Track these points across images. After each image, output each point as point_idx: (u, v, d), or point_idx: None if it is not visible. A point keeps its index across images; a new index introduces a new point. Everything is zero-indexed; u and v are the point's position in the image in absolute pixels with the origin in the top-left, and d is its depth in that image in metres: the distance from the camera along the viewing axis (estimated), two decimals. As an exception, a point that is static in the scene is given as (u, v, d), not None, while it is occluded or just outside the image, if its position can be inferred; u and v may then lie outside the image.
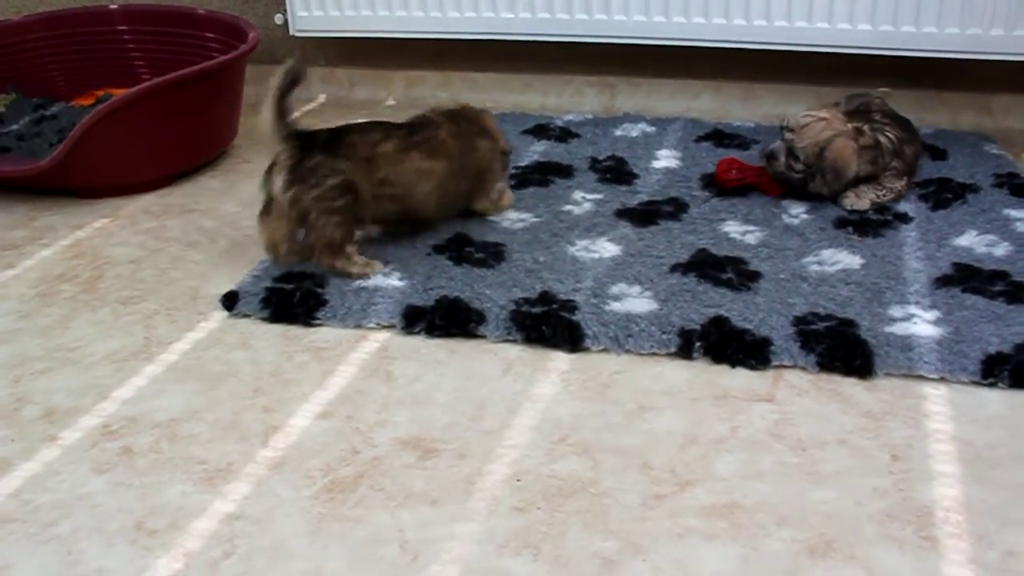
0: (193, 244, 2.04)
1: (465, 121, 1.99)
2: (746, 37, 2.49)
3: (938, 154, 2.32)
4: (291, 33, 2.82)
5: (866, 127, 2.04)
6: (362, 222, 1.84)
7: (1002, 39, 2.35)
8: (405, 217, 1.91)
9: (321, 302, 1.72)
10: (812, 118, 2.02)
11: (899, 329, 1.58)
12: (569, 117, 2.57)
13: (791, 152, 2.02)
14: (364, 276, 1.79)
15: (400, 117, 2.05)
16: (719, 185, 2.11)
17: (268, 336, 1.69)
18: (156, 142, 2.29)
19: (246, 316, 1.74)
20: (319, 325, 1.70)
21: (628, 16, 2.54)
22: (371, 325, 1.68)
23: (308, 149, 1.82)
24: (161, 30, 2.78)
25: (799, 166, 2.02)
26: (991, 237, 1.90)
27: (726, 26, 2.49)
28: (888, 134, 2.06)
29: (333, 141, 1.84)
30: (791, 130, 2.03)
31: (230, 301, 1.75)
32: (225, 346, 1.65)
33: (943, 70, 2.57)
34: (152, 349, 1.66)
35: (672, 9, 2.50)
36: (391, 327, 1.67)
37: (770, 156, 2.06)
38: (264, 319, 1.72)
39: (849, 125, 2.03)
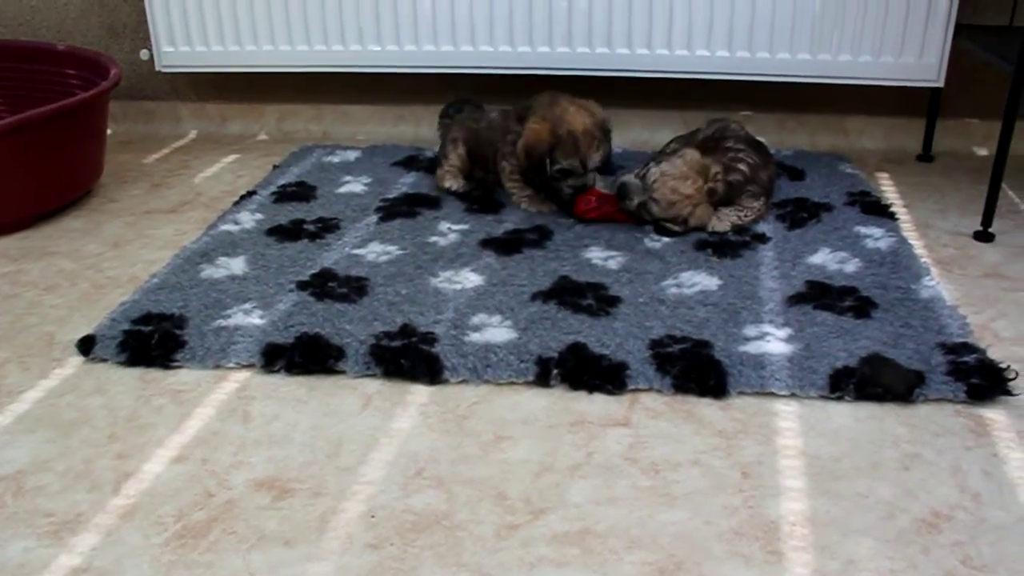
0: (51, 288, 1.98)
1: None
2: (609, 65, 2.55)
3: (796, 175, 2.40)
4: (157, 69, 2.77)
5: (719, 174, 2.09)
6: None
7: (850, 64, 2.46)
8: None
9: (180, 343, 1.68)
10: (672, 190, 2.05)
11: (752, 348, 1.62)
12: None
13: (647, 207, 2.07)
14: None
15: (272, 151, 2.04)
16: (578, 217, 2.14)
17: (125, 380, 1.64)
18: (14, 183, 2.22)
19: (103, 361, 1.69)
20: (178, 367, 1.67)
21: (494, 47, 2.57)
22: (230, 365, 1.65)
23: None
24: (18, 66, 2.71)
25: (648, 218, 2.09)
26: (843, 254, 1.97)
27: (589, 55, 2.54)
28: (741, 166, 2.12)
29: None
30: (648, 187, 2.06)
31: (86, 346, 1.71)
32: (80, 392, 1.61)
33: (801, 93, 2.67)
34: (1, 399, 1.60)
35: (536, 39, 2.55)
36: (251, 366, 1.65)
37: (623, 194, 2.10)
38: (121, 363, 1.68)
39: (702, 182, 2.07)
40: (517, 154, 2.16)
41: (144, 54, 2.91)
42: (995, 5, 2.54)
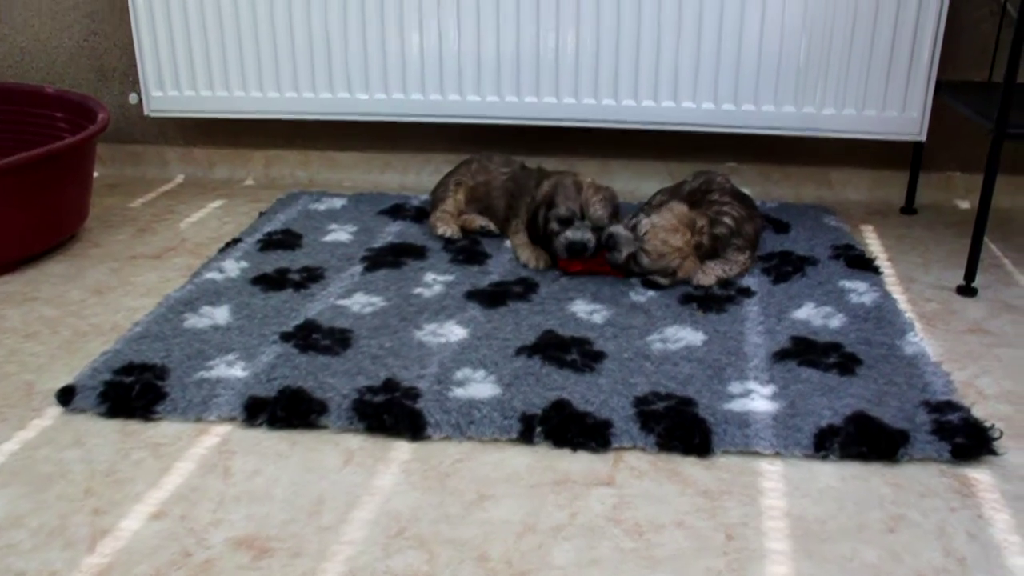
0: (32, 335, 1.97)
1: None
2: (596, 116, 2.56)
3: (781, 227, 2.41)
4: (145, 113, 2.78)
5: (705, 227, 2.10)
6: None
7: (834, 117, 2.49)
8: None
9: (161, 395, 1.67)
10: (663, 242, 2.06)
11: (737, 405, 1.62)
12: (426, 197, 2.58)
13: (637, 259, 2.07)
14: None
15: (259, 196, 2.04)
16: (563, 270, 2.14)
17: (104, 432, 1.62)
18: (-2, 227, 2.22)
19: (83, 412, 1.67)
20: (158, 419, 1.65)
21: (482, 97, 2.59)
22: (212, 418, 1.63)
23: None
24: (6, 108, 2.71)
25: (637, 269, 2.09)
26: (827, 309, 1.97)
27: (575, 105, 2.56)
28: (726, 219, 2.13)
29: None
30: (639, 239, 2.07)
31: (66, 396, 1.69)
32: (57, 445, 1.59)
33: (786, 145, 2.69)
34: (-23, 452, 1.58)
35: (523, 90, 2.56)
36: (232, 419, 1.64)
37: (611, 245, 2.10)
38: (101, 414, 1.66)
39: (690, 235, 2.08)
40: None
41: (133, 98, 2.91)
42: (974, 62, 2.57)
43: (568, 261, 2.12)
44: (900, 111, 2.46)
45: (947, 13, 2.37)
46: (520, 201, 2.27)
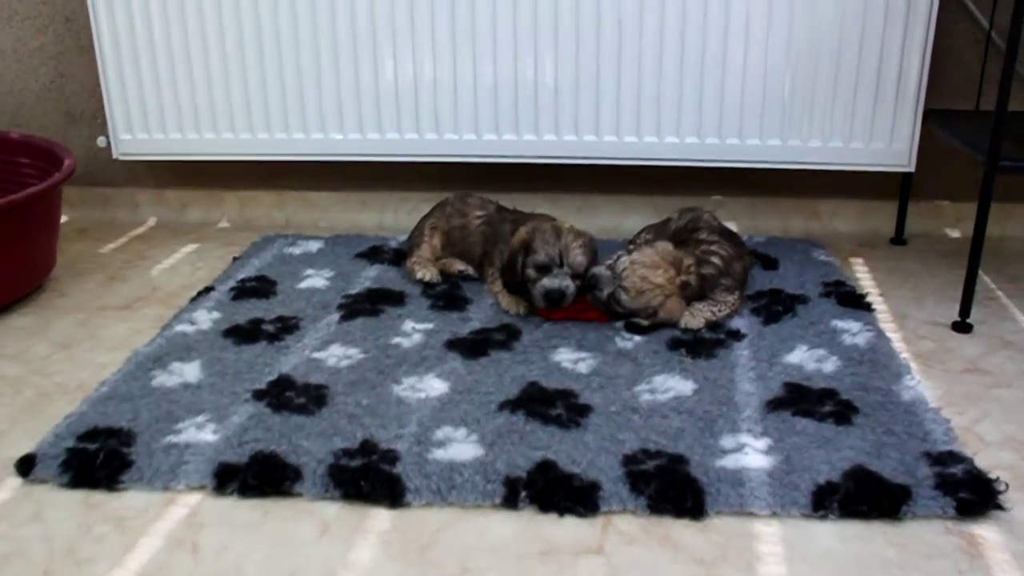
0: (-7, 396, 1.89)
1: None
2: (578, 152, 2.50)
3: (770, 263, 2.35)
4: (114, 157, 2.70)
5: (692, 266, 2.04)
6: None
7: (820, 150, 2.44)
8: None
9: (127, 463, 1.58)
10: (642, 278, 2.00)
11: (730, 462, 1.54)
12: (404, 238, 2.51)
13: (616, 297, 2.01)
14: None
15: (233, 240, 1.97)
16: (544, 315, 2.07)
17: (66, 505, 1.54)
18: (-43, 281, 2.14)
19: (44, 482, 1.59)
20: (124, 489, 1.56)
21: (459, 135, 2.53)
22: (180, 487, 1.55)
23: None
24: (-30, 155, 2.63)
25: (622, 309, 2.02)
26: (820, 352, 1.91)
27: (556, 142, 2.50)
28: (714, 258, 2.07)
29: None
30: (618, 276, 2.01)
31: (25, 466, 1.60)
32: (15, 520, 1.50)
33: (773, 177, 2.64)
34: (-72, 530, 1.50)
35: (503, 127, 2.50)
36: (202, 488, 1.55)
37: (592, 283, 2.03)
38: (63, 485, 1.58)
39: (674, 273, 2.02)
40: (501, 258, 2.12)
41: (101, 141, 2.84)
42: (960, 89, 2.53)
43: (548, 309, 2.05)
44: (888, 142, 2.41)
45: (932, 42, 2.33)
46: (495, 248, 2.20)
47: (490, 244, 2.22)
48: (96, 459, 1.59)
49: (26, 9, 2.78)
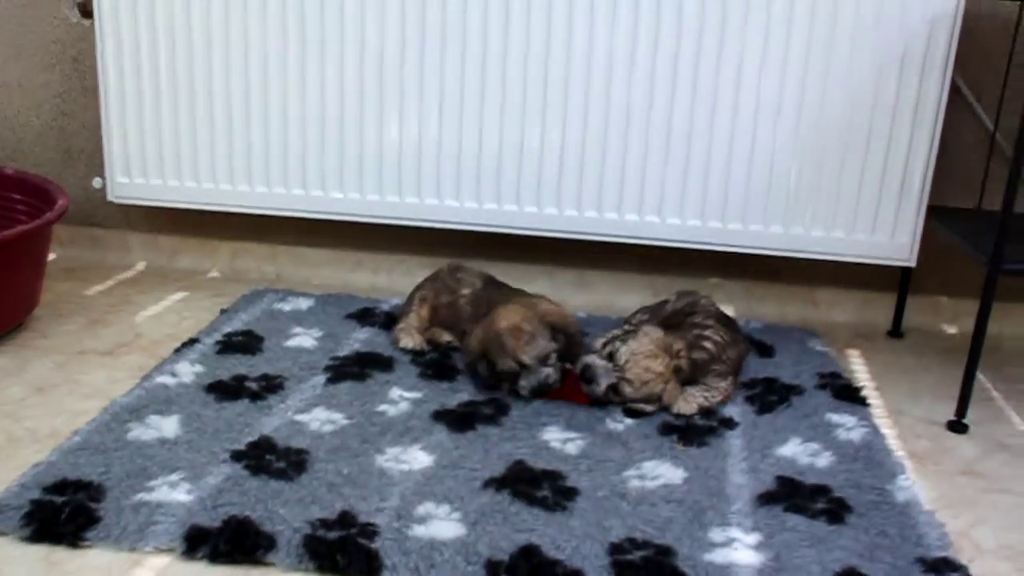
0: (-38, 438, 1.82)
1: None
2: (578, 228, 2.48)
3: (765, 350, 2.32)
4: (109, 199, 2.67)
5: (683, 351, 2.01)
6: None
7: (823, 240, 2.42)
8: None
9: (93, 519, 1.52)
10: (645, 369, 1.96)
11: (719, 556, 1.49)
12: (396, 301, 2.48)
13: (616, 388, 1.97)
14: None
15: (222, 290, 1.93)
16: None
17: (26, 560, 1.47)
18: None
19: (3, 534, 1.52)
20: (88, 547, 1.50)
21: (460, 203, 2.50)
22: (148, 549, 1.49)
23: None
24: (-38, 189, 2.60)
25: (617, 399, 1.98)
26: (814, 446, 1.87)
27: (557, 216, 2.48)
28: (707, 343, 2.03)
29: None
30: (619, 368, 1.96)
31: (-13, 516, 1.54)
32: (-29, 574, 1.44)
33: (771, 264, 2.62)
34: None
35: (504, 197, 2.48)
36: (171, 551, 1.49)
37: (589, 377, 1.98)
38: (24, 538, 1.51)
39: (669, 359, 1.99)
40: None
41: (97, 182, 2.81)
42: (963, 188, 2.53)
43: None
44: (890, 236, 2.40)
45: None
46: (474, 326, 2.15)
47: (472, 323, 2.17)
48: (61, 513, 1.53)
49: (35, 46, 2.77)
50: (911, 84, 2.30)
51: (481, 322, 2.08)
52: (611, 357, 1.97)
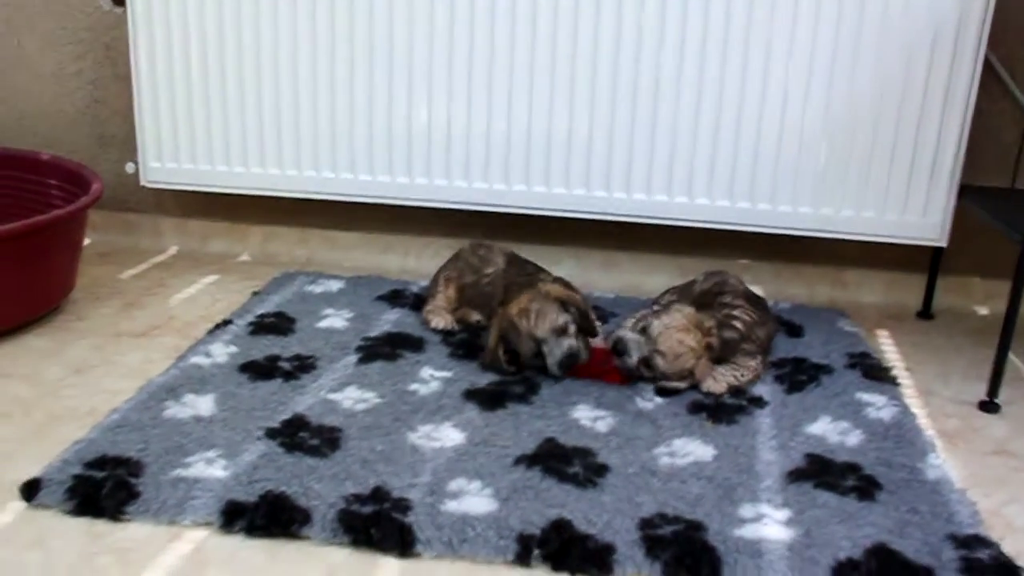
0: (3, 416, 1.86)
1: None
2: (607, 209, 2.49)
3: (794, 331, 2.32)
4: (141, 183, 2.71)
5: (714, 328, 2.02)
6: None
7: (852, 220, 2.41)
8: None
9: (133, 494, 1.55)
10: (679, 342, 1.96)
11: (749, 532, 1.50)
12: (425, 283, 2.49)
13: (648, 362, 1.98)
14: None
15: (254, 274, 1.95)
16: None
17: (70, 533, 1.51)
18: (-25, 299, 2.12)
19: (48, 508, 1.56)
20: (128, 520, 1.53)
21: (489, 184, 2.52)
22: (186, 522, 1.52)
23: None
24: (1, 173, 2.64)
25: (649, 374, 1.99)
26: (844, 424, 1.87)
27: (585, 197, 2.48)
28: (737, 323, 2.04)
29: None
30: (652, 340, 1.97)
31: (30, 491, 1.57)
32: (16, 546, 1.47)
33: (799, 244, 2.62)
34: (-71, 552, 1.47)
35: (532, 178, 2.49)
36: (208, 524, 1.52)
37: (620, 349, 1.99)
38: (68, 512, 1.54)
39: (701, 336, 1.99)
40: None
41: (130, 167, 2.85)
42: (997, 167, 2.51)
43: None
44: (921, 215, 2.39)
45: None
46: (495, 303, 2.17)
47: (497, 302, 2.19)
48: (102, 488, 1.56)
49: (68, 35, 2.80)
50: (943, 61, 2.29)
51: (491, 321, 2.10)
52: (643, 332, 1.98)
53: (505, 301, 2.11)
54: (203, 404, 1.85)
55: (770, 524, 1.53)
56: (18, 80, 2.86)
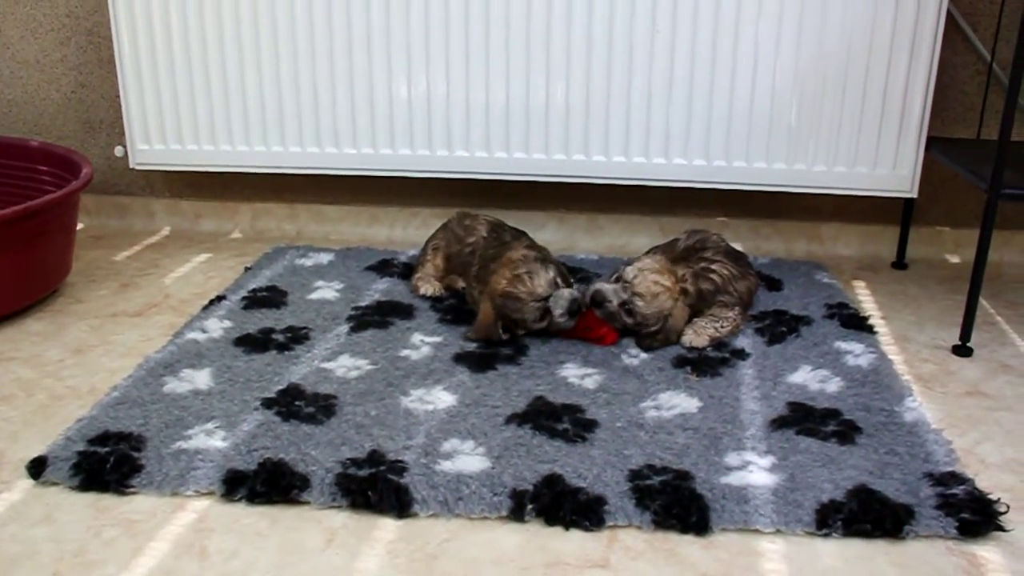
0: (6, 398, 1.90)
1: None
2: (585, 172, 2.53)
3: (773, 284, 2.38)
4: (131, 166, 2.74)
5: (688, 275, 2.08)
6: None
7: (825, 174, 2.47)
8: None
9: (136, 467, 1.60)
10: (654, 283, 2.02)
11: (735, 479, 1.56)
12: (413, 252, 2.54)
13: (627, 307, 2.03)
14: None
15: (245, 250, 1.99)
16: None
17: (76, 508, 1.56)
18: (-28, 285, 2.16)
19: (54, 484, 1.61)
20: (133, 493, 1.58)
21: (470, 153, 2.56)
22: (189, 492, 1.57)
23: None
24: (-9, 161, 2.67)
25: (631, 320, 2.04)
26: (824, 372, 1.93)
27: (566, 161, 2.53)
28: (713, 276, 2.09)
29: None
30: (628, 284, 2.03)
31: (37, 468, 1.62)
32: (25, 521, 1.52)
33: (776, 200, 2.67)
34: (-59, 530, 1.51)
35: (513, 145, 2.53)
36: (211, 494, 1.57)
37: (599, 300, 2.05)
38: (74, 487, 1.60)
39: (675, 282, 2.05)
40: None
41: (119, 151, 2.87)
42: (962, 119, 2.56)
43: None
44: (891, 168, 2.44)
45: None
46: (483, 271, 2.19)
47: (476, 272, 2.22)
48: (106, 463, 1.61)
49: (50, 21, 2.82)
50: (907, 16, 2.33)
51: (479, 304, 2.12)
52: (619, 280, 2.04)
53: (479, 273, 2.16)
54: (201, 378, 1.90)
55: (755, 471, 1.59)
56: (3, 69, 2.88)
